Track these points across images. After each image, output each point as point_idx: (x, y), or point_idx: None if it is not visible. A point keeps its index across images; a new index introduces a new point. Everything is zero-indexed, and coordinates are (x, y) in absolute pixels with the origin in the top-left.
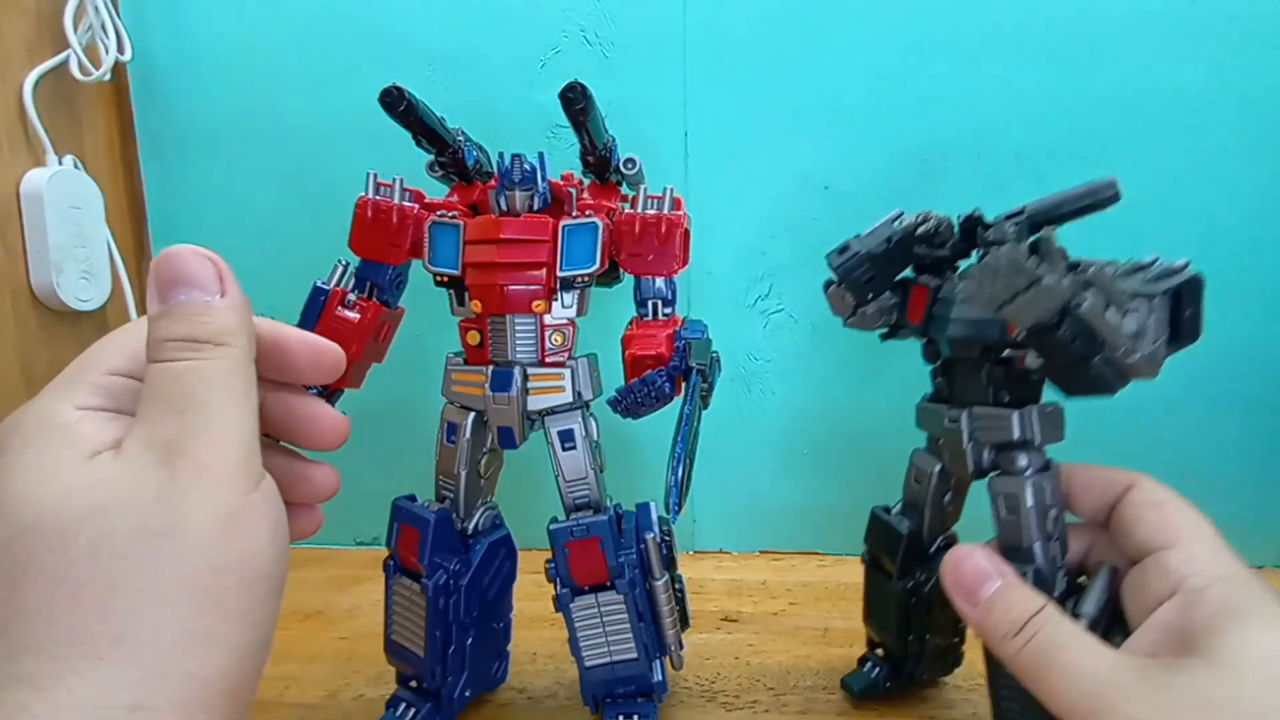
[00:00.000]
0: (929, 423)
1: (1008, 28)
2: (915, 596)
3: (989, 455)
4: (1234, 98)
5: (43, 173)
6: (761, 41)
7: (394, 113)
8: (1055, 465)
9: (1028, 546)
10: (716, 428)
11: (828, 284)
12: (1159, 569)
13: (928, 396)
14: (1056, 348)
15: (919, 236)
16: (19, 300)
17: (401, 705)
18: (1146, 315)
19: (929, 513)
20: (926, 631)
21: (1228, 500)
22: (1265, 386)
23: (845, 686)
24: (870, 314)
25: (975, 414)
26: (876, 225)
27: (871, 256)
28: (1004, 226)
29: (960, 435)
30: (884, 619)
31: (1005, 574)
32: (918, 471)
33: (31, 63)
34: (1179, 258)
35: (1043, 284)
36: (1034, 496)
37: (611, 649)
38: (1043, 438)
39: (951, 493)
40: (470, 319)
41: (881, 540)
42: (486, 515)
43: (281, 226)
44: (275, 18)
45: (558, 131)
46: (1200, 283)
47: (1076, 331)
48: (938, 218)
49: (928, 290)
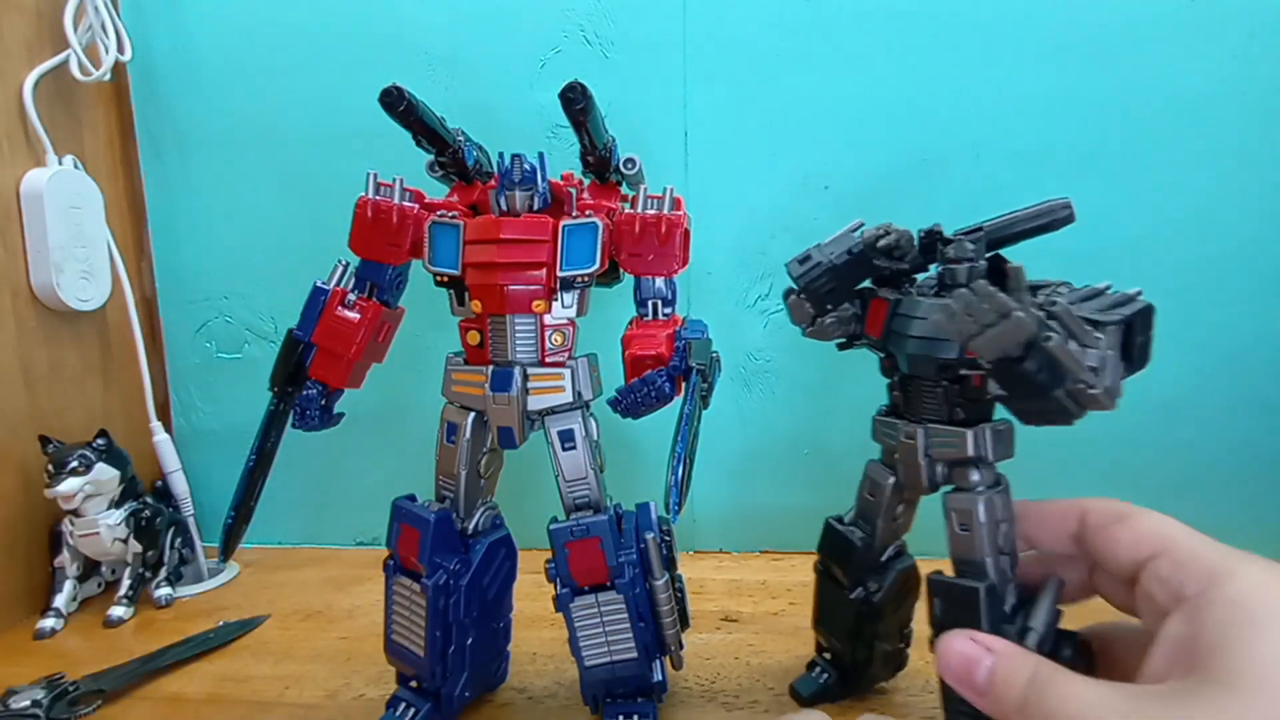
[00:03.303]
0: (885, 436)
1: (1007, 28)
2: (866, 605)
3: (942, 470)
4: (1234, 98)
5: (43, 173)
6: (761, 41)
7: (394, 113)
8: (1005, 480)
9: (980, 561)
10: (716, 428)
11: (788, 292)
12: (1156, 580)
13: (883, 410)
14: (1020, 379)
15: (880, 249)
16: (19, 300)
17: (401, 705)
18: (1105, 349)
19: (881, 523)
20: (876, 639)
21: (1228, 500)
22: (1265, 386)
23: (793, 693)
24: (829, 324)
25: (931, 430)
26: (837, 235)
27: (833, 268)
28: (964, 244)
29: (916, 450)
30: (835, 626)
31: (993, 647)
32: (872, 484)
33: (31, 63)
34: (1179, 258)
35: (1011, 318)
36: (986, 513)
37: (611, 649)
38: (994, 454)
39: (904, 504)
40: (470, 319)
41: (835, 550)
42: (486, 515)
43: (281, 226)
44: (275, 18)
45: (558, 131)
46: (1152, 312)
47: (1041, 364)
48: (898, 231)
49: (887, 304)
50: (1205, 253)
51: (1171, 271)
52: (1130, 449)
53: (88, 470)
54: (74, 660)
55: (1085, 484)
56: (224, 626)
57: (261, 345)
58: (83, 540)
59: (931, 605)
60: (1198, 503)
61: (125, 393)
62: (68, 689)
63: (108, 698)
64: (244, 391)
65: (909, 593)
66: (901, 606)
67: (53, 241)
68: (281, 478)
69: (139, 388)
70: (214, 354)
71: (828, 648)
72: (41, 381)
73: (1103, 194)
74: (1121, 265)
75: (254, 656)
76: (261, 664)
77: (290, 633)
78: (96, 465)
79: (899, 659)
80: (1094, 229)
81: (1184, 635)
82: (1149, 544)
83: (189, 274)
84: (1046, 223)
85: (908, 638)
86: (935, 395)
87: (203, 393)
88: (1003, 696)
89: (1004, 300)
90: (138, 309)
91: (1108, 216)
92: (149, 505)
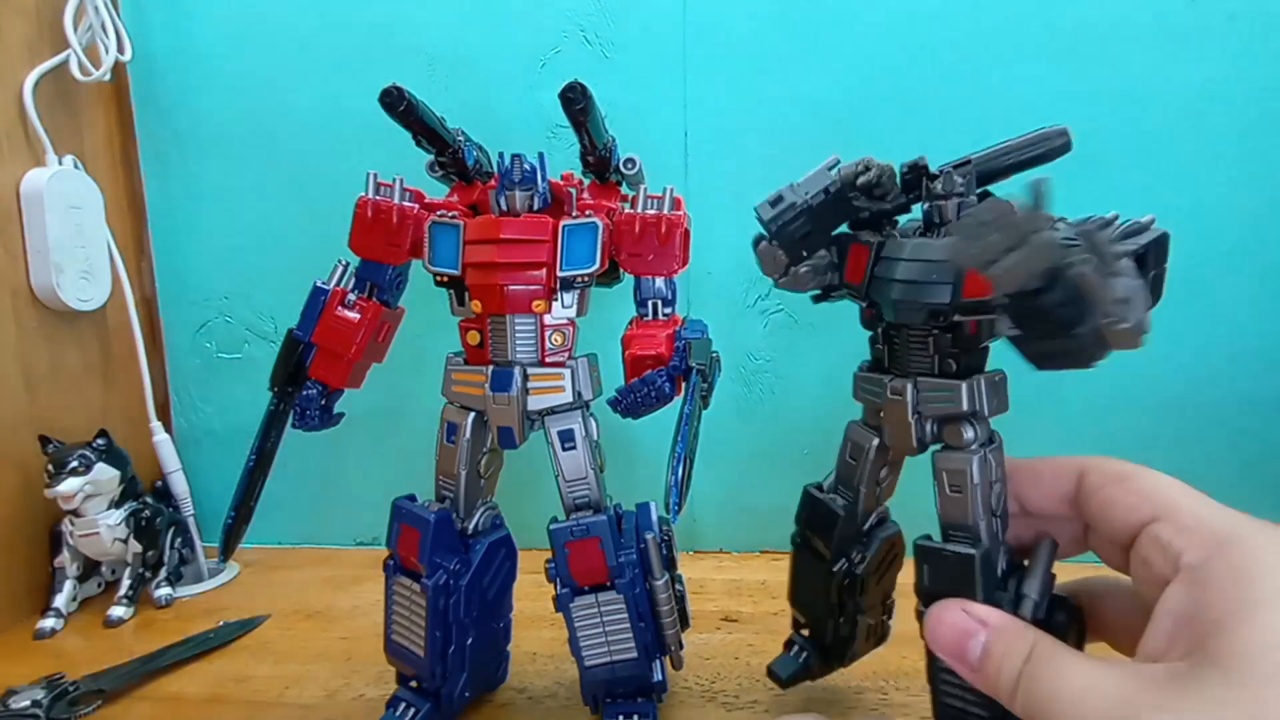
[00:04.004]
0: (868, 393)
1: (1008, 28)
2: (850, 578)
3: (932, 429)
4: (1234, 98)
5: (43, 173)
6: (761, 41)
7: (394, 113)
8: (999, 438)
9: (973, 524)
10: (716, 428)
11: (758, 239)
12: (1156, 545)
13: (865, 365)
14: (1039, 315)
15: (860, 187)
16: (19, 300)
17: (401, 705)
18: (1135, 276)
19: (864, 489)
20: (859, 612)
21: (1228, 500)
22: (1265, 386)
23: (772, 675)
24: (803, 274)
25: (921, 384)
26: (812, 174)
27: (809, 209)
28: (952, 177)
29: (905, 407)
30: (815, 601)
31: (989, 620)
32: (853, 446)
33: (31, 63)
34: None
35: (1036, 239)
36: (980, 473)
37: (611, 649)
38: (990, 408)
39: (887, 467)
40: (470, 319)
41: (815, 520)
42: (486, 515)
43: (281, 226)
44: (275, 18)
45: (558, 131)
46: (1167, 240)
47: (1066, 296)
48: (880, 166)
49: (869, 248)
50: (1205, 252)
51: (1171, 271)
52: (1130, 449)
53: (88, 470)
54: (74, 660)
55: None
56: (224, 626)
57: (261, 345)
58: (83, 540)
59: (919, 572)
60: None
61: (125, 393)
62: (68, 689)
63: (108, 698)
64: (244, 391)
65: (892, 562)
66: (885, 577)
67: (53, 241)
68: (281, 478)
69: (139, 388)
70: (214, 354)
71: (806, 624)
72: (41, 382)
73: (1102, 194)
74: None
75: (254, 656)
76: (261, 664)
77: (290, 633)
78: (96, 465)
79: (881, 631)
80: None
81: (1184, 609)
82: (1149, 506)
83: (189, 274)
84: (1041, 153)
85: (890, 609)
86: (924, 345)
87: (203, 393)
88: (998, 673)
89: (1031, 218)
90: (138, 309)
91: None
92: (149, 505)
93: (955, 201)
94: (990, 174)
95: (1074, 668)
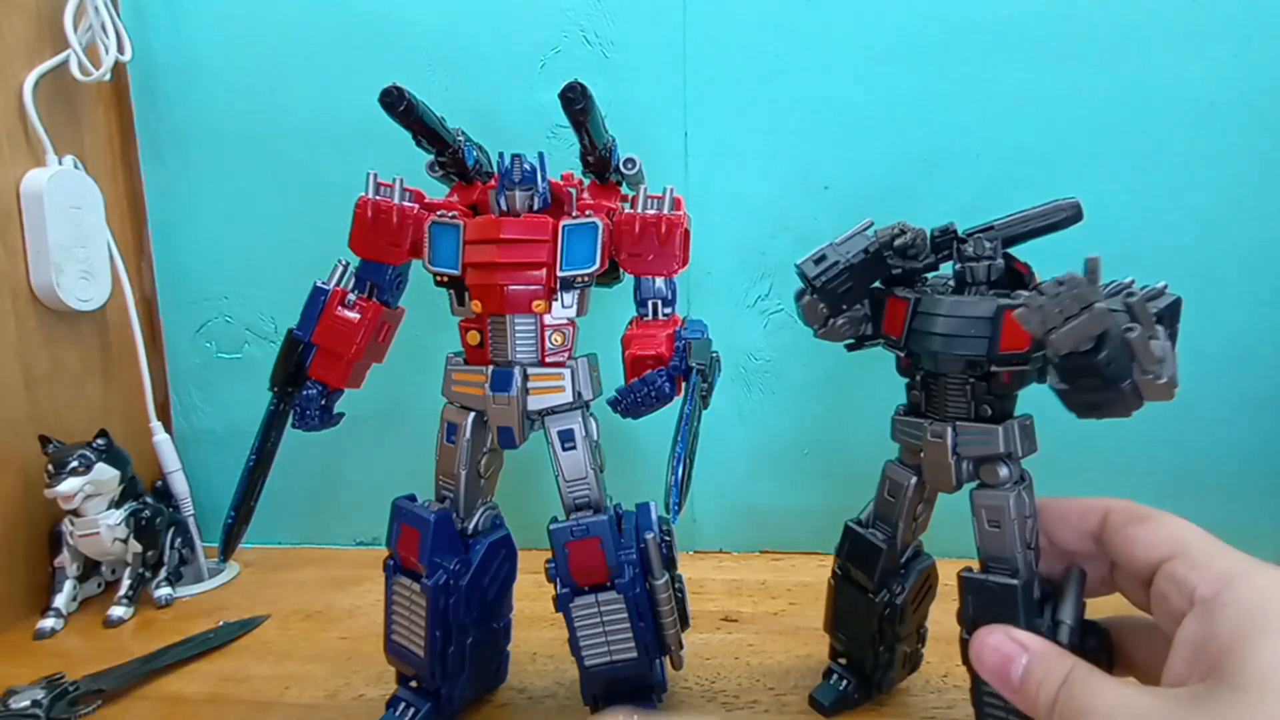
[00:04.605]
0: (907, 435)
1: (1008, 28)
2: (889, 608)
3: (969, 468)
4: (1234, 98)
5: (43, 173)
6: (761, 41)
7: (394, 113)
8: (1029, 476)
9: (1011, 556)
10: (716, 428)
11: (800, 293)
12: (1172, 581)
13: (902, 409)
14: (1087, 371)
15: (896, 248)
16: (19, 300)
17: (401, 705)
18: (1165, 339)
19: (902, 524)
20: (897, 640)
21: (1228, 500)
22: (1266, 386)
23: (814, 703)
24: (841, 325)
25: (960, 428)
26: (850, 234)
27: (851, 267)
28: (982, 242)
29: (945, 449)
30: (856, 631)
31: (1029, 645)
32: (891, 484)
33: (31, 63)
34: (1179, 258)
35: (1095, 309)
36: (1016, 509)
37: (611, 649)
38: (1023, 450)
39: (923, 504)
40: (470, 319)
41: (857, 554)
42: (486, 515)
43: (281, 226)
44: (275, 18)
45: (558, 131)
46: (1180, 305)
47: (1114, 356)
48: (914, 230)
49: (906, 303)
50: (1207, 252)
51: (1172, 271)
52: (1131, 449)
53: (88, 470)
54: (74, 660)
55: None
56: (224, 626)
57: (261, 345)
58: (83, 540)
59: (963, 602)
60: (1199, 502)
61: (125, 393)
62: (68, 689)
63: (108, 698)
64: (244, 391)
65: (928, 592)
66: (920, 606)
67: (53, 241)
68: (281, 478)
69: (139, 388)
70: (214, 354)
71: (844, 653)
72: (41, 382)
73: (1103, 194)
74: (1122, 265)
75: (254, 656)
76: (261, 664)
77: (290, 633)
78: (96, 465)
79: (915, 659)
80: (1095, 229)
81: (1199, 637)
82: (1166, 546)
83: (189, 274)
84: (1055, 221)
85: (923, 637)
86: (962, 392)
87: (203, 393)
88: (1038, 694)
89: (1091, 291)
90: (138, 309)
91: (1108, 217)
92: (149, 505)
93: (986, 264)
94: (1012, 239)
95: (1106, 689)
